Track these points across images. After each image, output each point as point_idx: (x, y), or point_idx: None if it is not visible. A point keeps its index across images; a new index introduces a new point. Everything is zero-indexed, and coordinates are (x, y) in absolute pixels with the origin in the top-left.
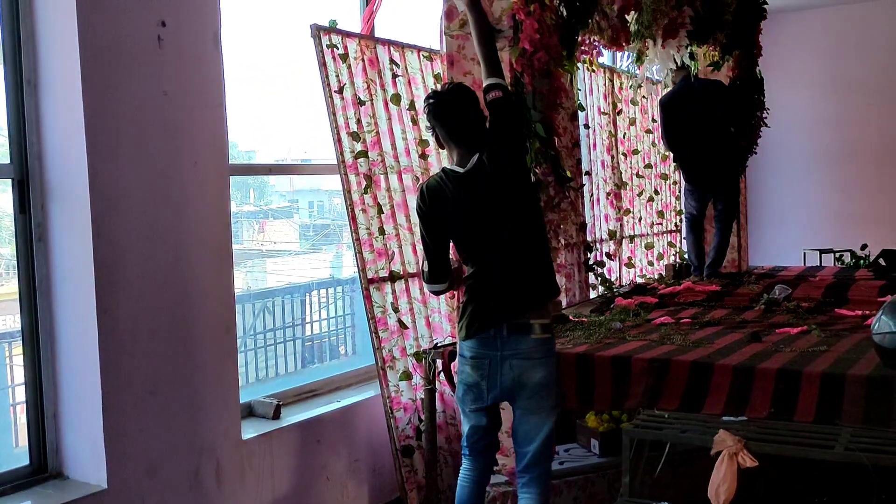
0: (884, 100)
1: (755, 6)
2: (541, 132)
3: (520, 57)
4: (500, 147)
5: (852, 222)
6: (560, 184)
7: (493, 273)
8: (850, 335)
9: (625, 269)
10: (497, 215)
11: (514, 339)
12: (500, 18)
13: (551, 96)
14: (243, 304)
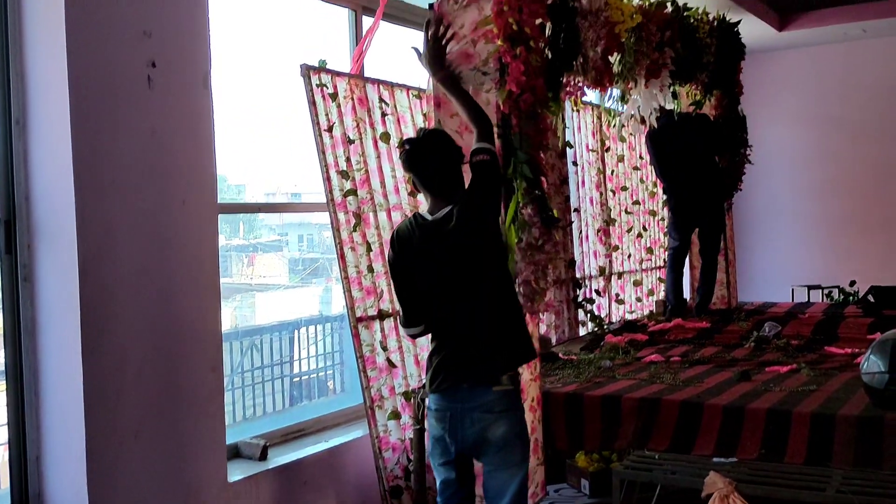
0: (868, 137)
1: (735, 47)
2: (527, 173)
3: (507, 99)
4: (475, 206)
5: (840, 258)
6: (546, 225)
7: (456, 327)
8: (840, 374)
9: (614, 306)
10: (460, 270)
11: (475, 392)
12: (486, 61)
13: (538, 137)
14: (231, 342)
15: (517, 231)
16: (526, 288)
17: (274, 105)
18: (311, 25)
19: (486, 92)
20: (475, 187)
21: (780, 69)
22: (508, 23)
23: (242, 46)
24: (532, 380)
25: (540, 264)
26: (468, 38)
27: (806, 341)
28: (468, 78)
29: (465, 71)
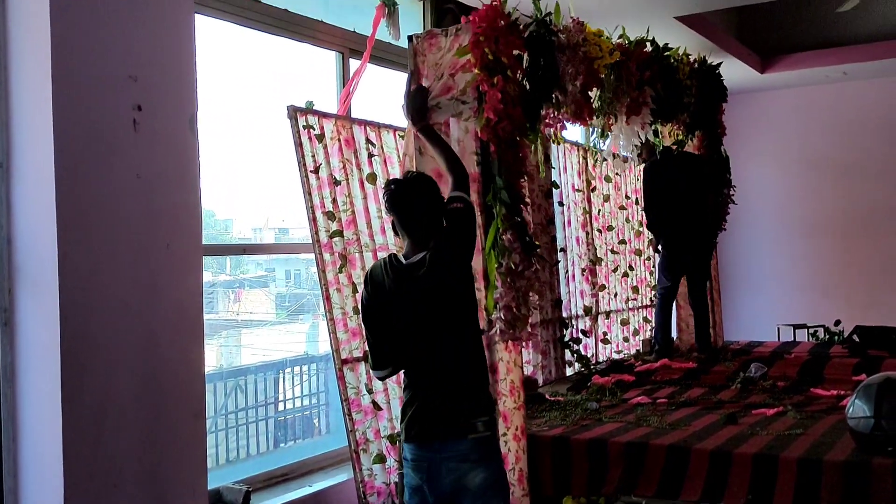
0: (850, 177)
1: (716, 88)
2: (506, 199)
3: (485, 126)
4: (447, 253)
5: (824, 297)
6: (525, 251)
7: (431, 378)
8: (826, 417)
9: (601, 345)
10: (431, 316)
11: (451, 441)
12: (464, 90)
13: (516, 164)
14: (215, 383)
15: (497, 257)
16: (507, 313)
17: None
18: (299, 67)
19: (464, 120)
20: (449, 235)
21: (762, 110)
22: (485, 52)
23: (231, 86)
24: (516, 408)
25: (521, 290)
26: (447, 73)
27: (792, 383)
28: (447, 107)
29: (443, 101)
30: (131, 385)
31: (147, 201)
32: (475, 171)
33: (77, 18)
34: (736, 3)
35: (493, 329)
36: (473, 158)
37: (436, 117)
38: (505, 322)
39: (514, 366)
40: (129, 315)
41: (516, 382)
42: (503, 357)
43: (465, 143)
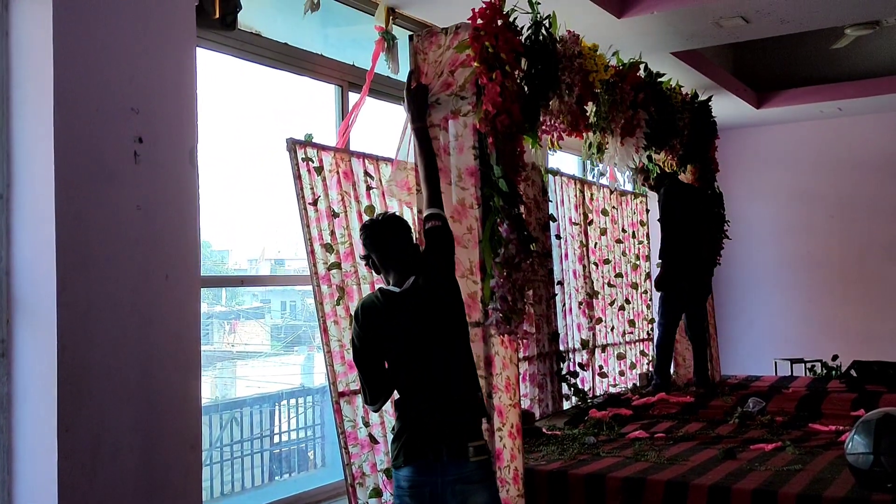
0: (844, 212)
1: (708, 124)
2: (503, 187)
3: (483, 119)
4: (435, 272)
5: (821, 331)
6: (523, 243)
7: (429, 395)
8: (825, 452)
9: (598, 379)
10: (431, 336)
11: (454, 463)
12: (463, 86)
13: (514, 159)
14: (210, 415)
15: (494, 247)
16: (503, 304)
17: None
18: (299, 100)
19: (463, 116)
20: (431, 253)
21: (758, 145)
22: (485, 46)
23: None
24: (512, 406)
25: (517, 283)
26: (446, 70)
27: (790, 418)
28: (446, 103)
29: (442, 97)
30: (128, 416)
31: (146, 232)
32: (473, 166)
33: (80, 50)
34: (731, 40)
35: (489, 320)
36: (472, 153)
37: (435, 114)
38: (501, 313)
39: (510, 362)
40: (126, 346)
41: (512, 379)
42: (499, 352)
43: (463, 139)
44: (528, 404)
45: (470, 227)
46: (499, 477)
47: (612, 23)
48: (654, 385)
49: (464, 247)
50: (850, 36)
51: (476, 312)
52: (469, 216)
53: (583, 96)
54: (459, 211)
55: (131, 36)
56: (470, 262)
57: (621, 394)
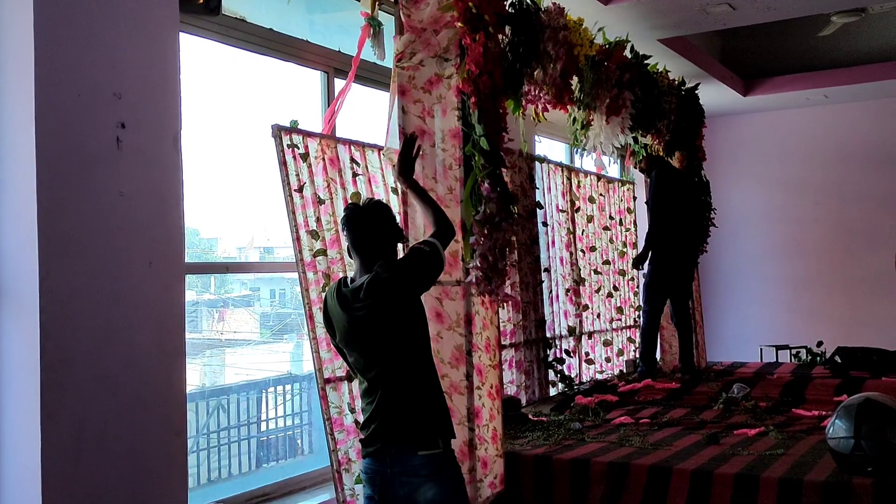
0: (829, 199)
1: (695, 111)
2: (485, 145)
3: (466, 79)
4: (387, 280)
5: (806, 318)
6: (503, 202)
7: (376, 398)
8: (807, 437)
9: (584, 366)
10: (370, 345)
11: (401, 457)
12: (447, 48)
13: (496, 119)
14: (197, 402)
15: (475, 205)
16: (483, 262)
17: (247, 161)
18: (284, 87)
19: (447, 77)
20: (397, 264)
21: (745, 132)
22: (468, 7)
23: (216, 105)
24: (492, 366)
25: (498, 242)
26: (430, 29)
27: (774, 403)
28: (430, 65)
29: (427, 58)
30: (112, 403)
31: (130, 219)
32: (456, 127)
33: (61, 35)
34: (718, 27)
35: (469, 277)
36: (455, 114)
37: (419, 76)
38: (481, 271)
39: (490, 323)
40: (110, 333)
41: (492, 340)
42: (479, 311)
43: (446, 101)
44: (515, 391)
45: (451, 187)
46: (477, 434)
47: (600, 9)
48: (640, 372)
49: (445, 207)
50: (836, 23)
51: (457, 271)
52: (449, 177)
53: (567, 70)
54: (440, 172)
55: (114, 20)
56: (452, 220)
57: (607, 380)
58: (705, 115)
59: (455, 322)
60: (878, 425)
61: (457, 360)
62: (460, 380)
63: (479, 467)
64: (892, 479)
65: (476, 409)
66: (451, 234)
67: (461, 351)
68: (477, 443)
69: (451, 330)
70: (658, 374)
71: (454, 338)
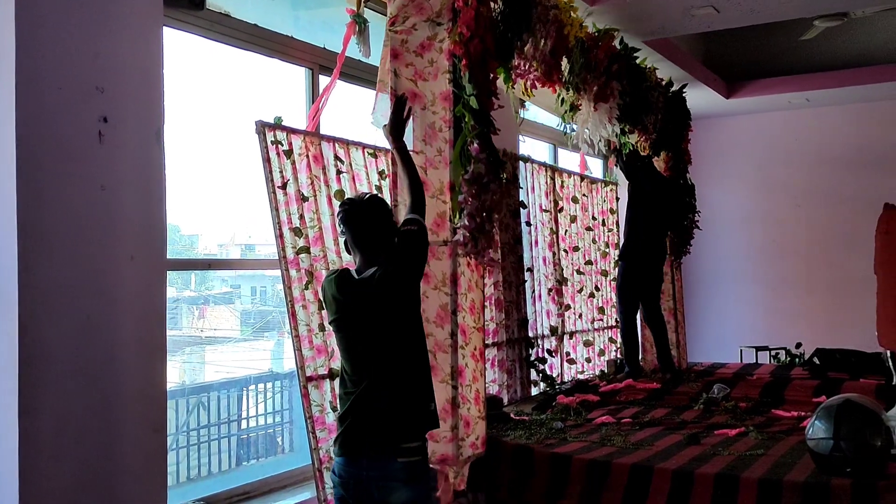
0: (810, 202)
1: (681, 113)
2: (474, 105)
3: (457, 41)
4: (394, 273)
5: (786, 319)
6: (492, 164)
7: (367, 392)
8: (787, 438)
9: (566, 365)
10: (375, 335)
11: (379, 462)
12: (439, 12)
13: (485, 83)
14: (177, 400)
15: (464, 164)
16: (470, 221)
17: (229, 158)
18: (268, 83)
19: (438, 42)
20: (399, 255)
21: (727, 135)
22: None
23: (200, 100)
24: (476, 329)
25: (486, 203)
26: None
27: (754, 404)
28: (422, 28)
29: (419, 22)
30: (91, 399)
31: (111, 213)
32: (447, 90)
33: (43, 28)
34: (702, 29)
35: (456, 237)
36: (446, 77)
37: (411, 40)
38: (468, 231)
39: (475, 286)
40: (90, 328)
41: (477, 303)
42: (465, 272)
43: (438, 63)
44: (497, 390)
45: (440, 149)
46: (460, 393)
47: (586, 9)
48: (626, 374)
49: (434, 168)
50: (818, 27)
51: (444, 231)
52: (439, 139)
53: (557, 48)
54: (430, 134)
55: (97, 14)
56: (440, 181)
57: (589, 380)
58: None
59: (441, 281)
60: (857, 426)
61: (441, 320)
62: (445, 338)
63: (462, 426)
64: (871, 480)
65: (460, 368)
66: (424, 204)
67: (446, 310)
68: (460, 401)
69: (437, 290)
70: (640, 374)
71: (440, 297)
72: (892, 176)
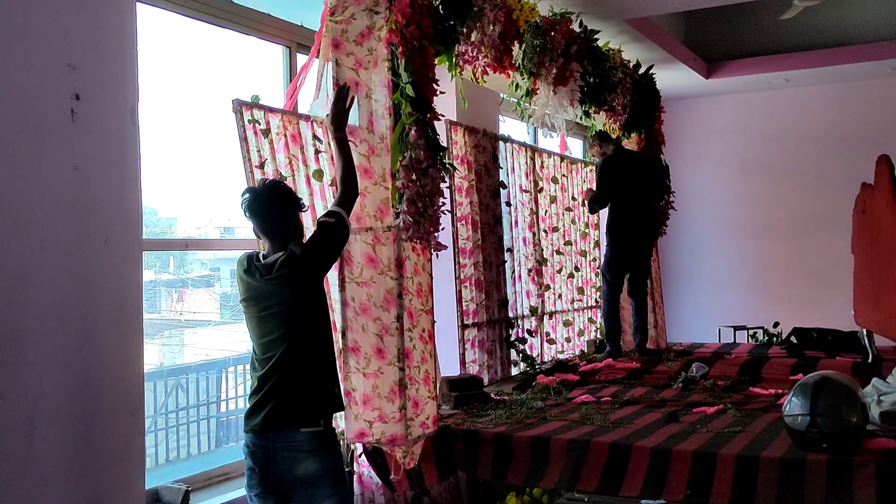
0: (788, 181)
1: (651, 93)
2: (410, 93)
3: (393, 29)
4: (298, 260)
5: (764, 299)
6: (430, 150)
7: (271, 373)
8: (764, 415)
9: (546, 345)
10: (276, 319)
11: (283, 433)
12: (377, 0)
13: (423, 69)
14: (155, 382)
15: (401, 151)
16: (411, 207)
17: (207, 138)
18: (245, 61)
19: (377, 30)
20: (308, 244)
21: (707, 115)
22: None
23: (175, 79)
24: (424, 311)
25: (426, 188)
26: None
27: (732, 382)
28: (361, 18)
29: (357, 11)
30: (66, 382)
31: (84, 194)
32: (387, 78)
33: (12, 3)
34: (683, 8)
35: (398, 221)
36: (385, 65)
37: (351, 30)
38: (410, 216)
39: (422, 269)
40: (64, 311)
41: (424, 285)
42: (410, 256)
43: (377, 52)
44: (478, 370)
45: (382, 136)
46: (407, 375)
47: None
48: (608, 352)
49: (377, 155)
50: (797, 6)
51: (388, 217)
52: (381, 126)
53: (506, 32)
54: (372, 122)
55: None
56: (382, 168)
57: (569, 360)
58: (668, 98)
59: (386, 266)
60: (833, 403)
61: (387, 303)
62: (391, 322)
63: (410, 406)
64: (846, 456)
65: (407, 350)
66: (355, 195)
67: (392, 294)
68: (408, 383)
69: (383, 274)
70: (621, 353)
71: (386, 282)
72: (870, 156)
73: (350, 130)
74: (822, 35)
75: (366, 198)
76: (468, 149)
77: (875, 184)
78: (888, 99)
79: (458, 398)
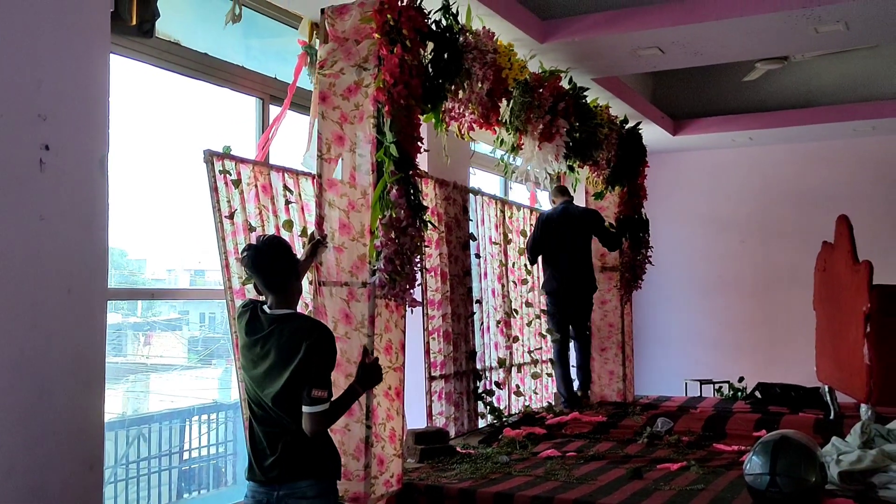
0: (753, 237)
1: (636, 148)
2: (394, 153)
3: (380, 88)
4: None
5: (730, 353)
6: (412, 209)
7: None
8: (727, 472)
9: (514, 398)
10: (268, 381)
11: (289, 483)
12: (366, 58)
13: (409, 128)
14: (116, 432)
15: (382, 209)
16: (388, 265)
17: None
18: (218, 112)
19: (364, 86)
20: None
21: (675, 171)
22: (387, 19)
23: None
24: (393, 369)
25: (405, 247)
26: (352, 38)
27: (696, 437)
28: (350, 73)
29: (347, 66)
30: (22, 436)
31: (49, 244)
32: (371, 134)
33: None
34: (648, 69)
35: (373, 279)
36: (370, 122)
37: (339, 84)
38: (386, 273)
39: (394, 326)
40: (24, 363)
41: (395, 342)
42: (381, 313)
43: (363, 108)
44: (444, 422)
45: (364, 192)
46: (373, 432)
47: (536, 46)
48: (563, 403)
49: (357, 211)
50: (760, 69)
51: (363, 273)
52: (364, 181)
53: (494, 90)
54: (355, 177)
55: (41, 40)
56: (361, 224)
57: (536, 412)
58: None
59: (360, 323)
60: (793, 462)
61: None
62: None
63: (375, 464)
64: None
65: (373, 408)
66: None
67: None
68: (373, 440)
69: (357, 330)
70: (586, 406)
71: (360, 337)
72: (831, 214)
73: (331, 184)
74: (784, 97)
75: (342, 253)
76: (438, 201)
77: (835, 243)
78: (848, 159)
79: (423, 451)
